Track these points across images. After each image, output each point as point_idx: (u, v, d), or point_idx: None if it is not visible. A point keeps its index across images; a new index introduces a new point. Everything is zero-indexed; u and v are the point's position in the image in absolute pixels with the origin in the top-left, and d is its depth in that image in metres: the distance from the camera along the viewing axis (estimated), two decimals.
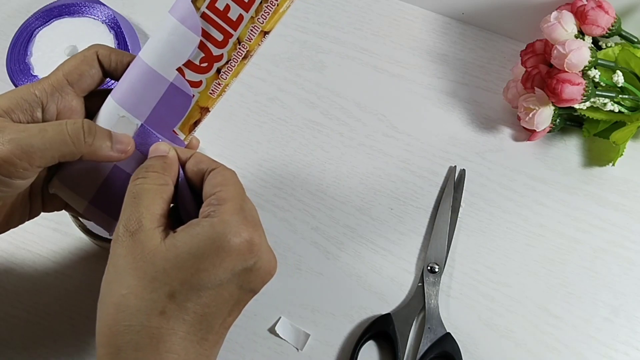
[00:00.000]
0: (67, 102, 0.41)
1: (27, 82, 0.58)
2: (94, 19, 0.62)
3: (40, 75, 0.59)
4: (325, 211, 0.57)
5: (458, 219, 0.56)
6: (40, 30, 0.61)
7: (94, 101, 0.43)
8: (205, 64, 0.39)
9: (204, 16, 0.38)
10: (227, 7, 0.38)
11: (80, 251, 0.54)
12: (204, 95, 0.40)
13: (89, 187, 0.42)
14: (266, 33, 0.39)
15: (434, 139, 0.60)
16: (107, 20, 0.61)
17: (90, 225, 0.55)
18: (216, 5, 0.38)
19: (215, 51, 0.39)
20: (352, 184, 0.58)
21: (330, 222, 0.56)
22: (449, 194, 0.57)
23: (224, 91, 0.40)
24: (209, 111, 0.40)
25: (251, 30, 0.38)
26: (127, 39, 0.60)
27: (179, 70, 0.39)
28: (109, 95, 0.41)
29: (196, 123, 0.40)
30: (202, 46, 0.39)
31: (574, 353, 0.52)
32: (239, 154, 0.59)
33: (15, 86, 0.59)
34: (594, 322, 0.53)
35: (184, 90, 0.40)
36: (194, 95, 0.40)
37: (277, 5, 0.38)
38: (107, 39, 0.60)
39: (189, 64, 0.39)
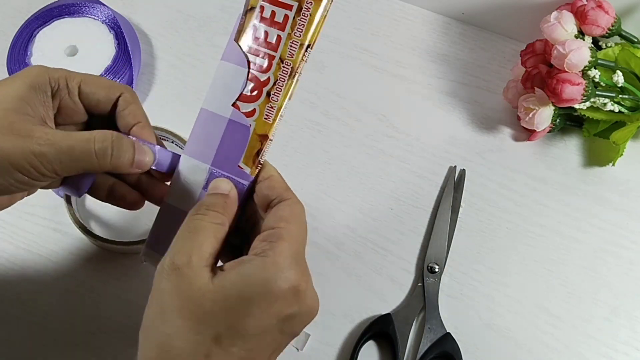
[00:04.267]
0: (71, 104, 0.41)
1: None
2: (94, 19, 0.62)
3: None
4: (325, 211, 0.57)
5: (458, 219, 0.56)
6: (40, 30, 0.61)
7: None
8: (255, 92, 0.40)
9: (249, 50, 0.40)
10: (266, 34, 0.39)
11: (80, 251, 0.54)
12: (259, 123, 0.40)
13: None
14: (307, 46, 0.39)
15: (434, 139, 0.60)
16: (107, 20, 0.61)
17: (90, 225, 0.55)
18: (256, 35, 0.39)
19: (262, 77, 0.40)
20: (352, 184, 0.58)
21: (330, 222, 0.56)
22: (449, 194, 0.57)
23: (279, 115, 0.40)
24: (269, 139, 0.40)
25: (290, 46, 0.39)
26: (127, 39, 0.60)
27: (235, 105, 0.40)
28: (182, 153, 0.42)
29: (258, 153, 0.40)
30: (250, 77, 0.40)
31: (574, 353, 0.52)
32: None
33: None
34: (594, 322, 0.53)
35: (241, 123, 0.40)
36: (250, 125, 0.40)
37: (310, 16, 0.38)
38: (107, 39, 0.60)
39: (241, 97, 0.40)
